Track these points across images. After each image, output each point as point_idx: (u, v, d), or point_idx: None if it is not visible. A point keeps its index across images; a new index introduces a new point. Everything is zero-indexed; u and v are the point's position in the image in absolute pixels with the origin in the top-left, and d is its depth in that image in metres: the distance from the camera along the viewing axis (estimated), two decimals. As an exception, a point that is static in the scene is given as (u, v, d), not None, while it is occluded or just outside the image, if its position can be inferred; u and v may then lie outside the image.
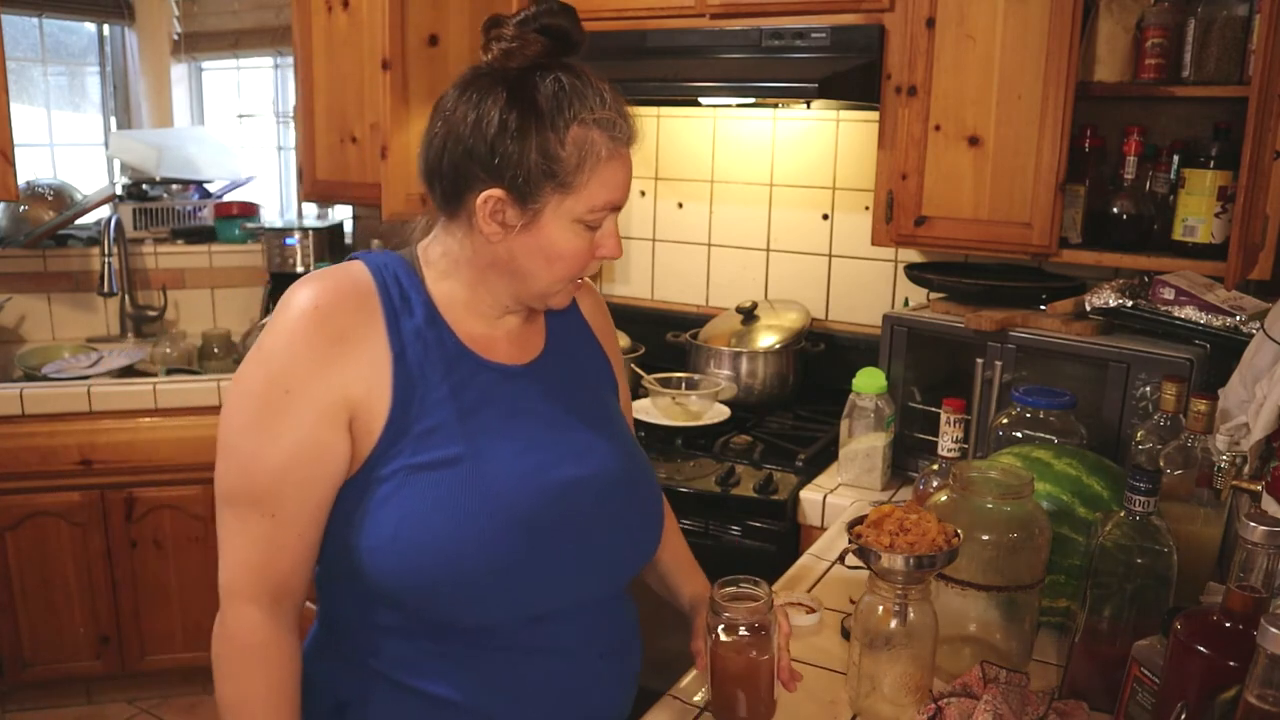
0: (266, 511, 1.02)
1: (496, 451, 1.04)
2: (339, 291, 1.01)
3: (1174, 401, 1.45)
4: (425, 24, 2.39)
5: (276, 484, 1.00)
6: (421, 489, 1.00)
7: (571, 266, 1.04)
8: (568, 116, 0.99)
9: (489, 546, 1.00)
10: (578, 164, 0.99)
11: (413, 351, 1.03)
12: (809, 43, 2.08)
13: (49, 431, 2.54)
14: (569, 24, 1.03)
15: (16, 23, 3.25)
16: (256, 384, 1.00)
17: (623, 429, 1.20)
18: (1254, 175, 1.69)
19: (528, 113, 0.98)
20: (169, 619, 2.73)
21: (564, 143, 0.99)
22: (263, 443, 1.00)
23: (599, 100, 1.01)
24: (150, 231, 3.19)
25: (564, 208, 1.01)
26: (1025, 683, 1.12)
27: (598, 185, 1.01)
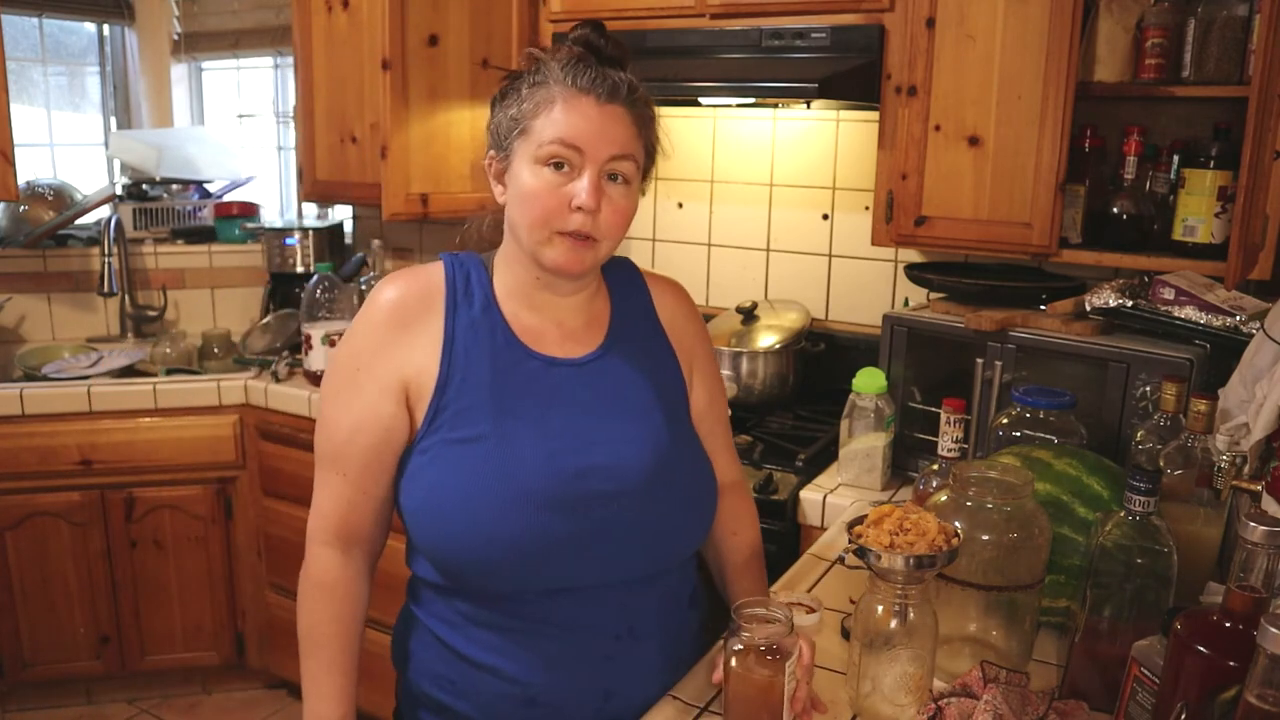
0: (339, 470, 1.18)
1: (522, 434, 1.13)
2: (412, 286, 1.18)
3: (1174, 401, 1.45)
4: (425, 24, 2.39)
5: (346, 447, 1.17)
6: (450, 461, 1.13)
7: (543, 208, 1.11)
8: (532, 83, 1.13)
9: (504, 520, 1.10)
10: (532, 110, 1.11)
11: (463, 339, 1.16)
12: (809, 43, 2.08)
13: (49, 431, 2.54)
14: (595, 35, 1.14)
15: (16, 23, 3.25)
16: (338, 362, 1.19)
17: (674, 425, 1.23)
18: (1254, 175, 1.69)
19: (510, 84, 1.15)
20: (169, 619, 2.73)
21: (524, 98, 1.13)
22: (338, 411, 1.17)
23: (566, 63, 1.12)
24: (150, 231, 3.19)
25: (525, 150, 1.12)
26: (1025, 683, 1.12)
27: (546, 123, 1.10)
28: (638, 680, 1.21)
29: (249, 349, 2.94)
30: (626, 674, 1.20)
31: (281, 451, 2.61)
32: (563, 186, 1.11)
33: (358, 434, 1.16)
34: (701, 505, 1.24)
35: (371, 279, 2.91)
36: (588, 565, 1.14)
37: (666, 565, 1.23)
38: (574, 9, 2.38)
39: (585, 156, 1.10)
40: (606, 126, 1.11)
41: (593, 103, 1.11)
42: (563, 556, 1.12)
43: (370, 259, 3.06)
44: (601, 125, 1.11)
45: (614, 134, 1.12)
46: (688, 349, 1.31)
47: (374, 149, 2.49)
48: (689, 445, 1.26)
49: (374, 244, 3.06)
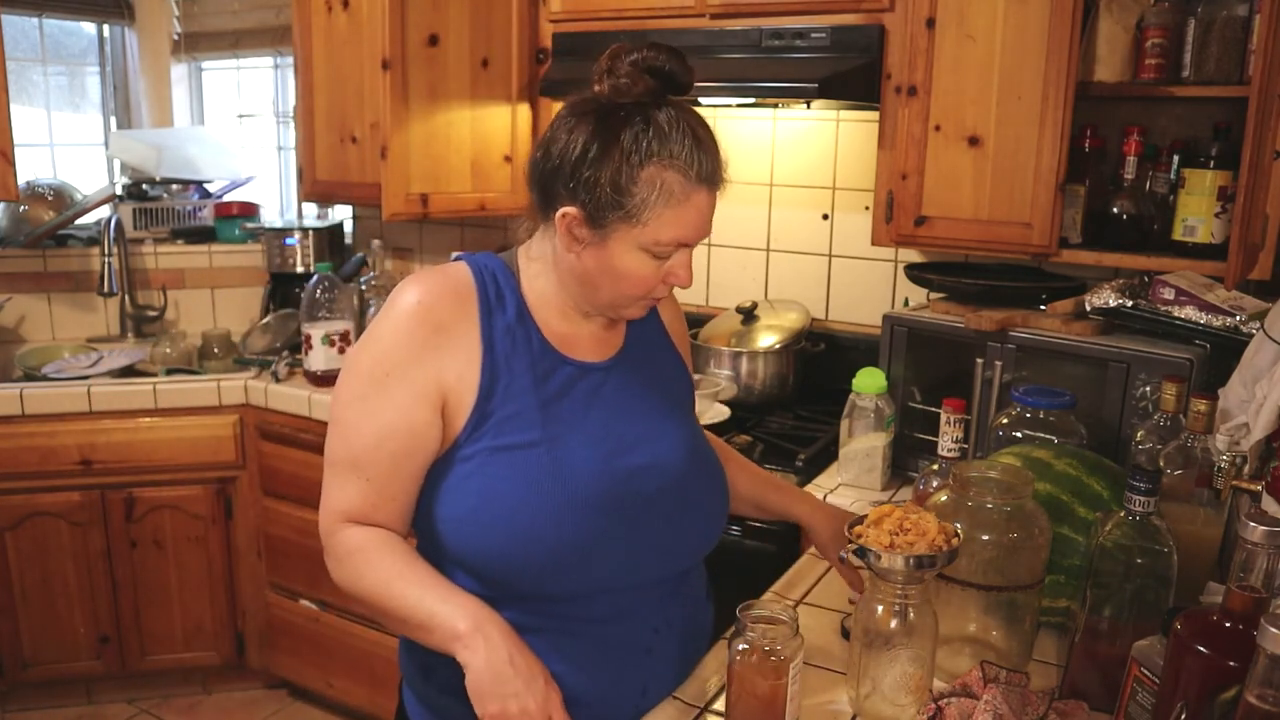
0: (363, 475, 1.13)
1: (571, 439, 1.14)
2: (442, 289, 1.14)
3: (1174, 401, 1.45)
4: (425, 24, 2.39)
5: (372, 453, 1.12)
6: (501, 468, 1.11)
7: (637, 288, 1.13)
8: (644, 154, 1.06)
9: (560, 524, 1.10)
10: (646, 200, 1.07)
11: (501, 345, 1.14)
12: (809, 43, 2.08)
13: (49, 431, 2.54)
14: (677, 67, 1.12)
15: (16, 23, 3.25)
16: (362, 366, 1.13)
17: (692, 426, 1.28)
18: (1254, 175, 1.69)
19: (608, 145, 1.08)
20: (169, 619, 2.73)
21: (636, 179, 1.06)
22: (363, 416, 1.12)
23: (682, 142, 1.07)
24: (150, 231, 3.19)
25: (630, 236, 1.09)
26: (1025, 683, 1.12)
27: (665, 223, 1.08)
28: (670, 673, 1.23)
29: (249, 349, 2.94)
30: (661, 668, 1.22)
31: (282, 451, 2.61)
32: (658, 266, 1.12)
33: (386, 440, 1.11)
34: (724, 494, 1.29)
35: (371, 279, 2.91)
36: (633, 563, 1.17)
37: (699, 557, 1.28)
38: (574, 9, 2.38)
39: (690, 246, 1.13)
40: (708, 214, 1.13)
41: (705, 196, 1.11)
42: (614, 557, 1.14)
43: (370, 259, 3.06)
44: (707, 216, 1.13)
45: (709, 220, 1.13)
46: (684, 347, 1.36)
47: (374, 149, 2.49)
48: (703, 438, 1.30)
49: (374, 244, 3.06)
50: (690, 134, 1.08)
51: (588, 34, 2.36)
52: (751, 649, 1.07)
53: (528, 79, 2.50)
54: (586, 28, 2.37)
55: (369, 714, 2.66)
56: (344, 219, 3.29)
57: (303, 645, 2.72)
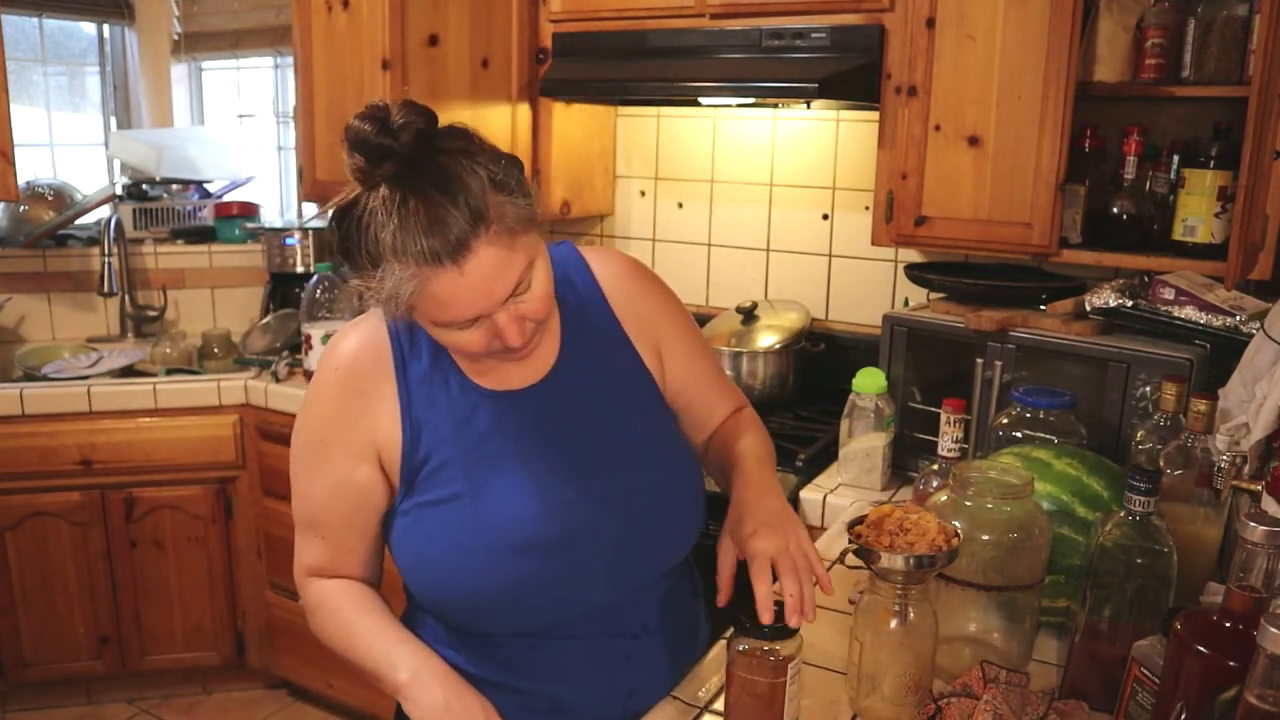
0: (319, 534, 1.18)
1: (496, 484, 1.10)
2: (358, 349, 1.14)
3: (1174, 401, 1.45)
4: (425, 24, 2.39)
5: (323, 514, 1.17)
6: (428, 525, 1.12)
7: (472, 354, 1.07)
8: (373, 260, 0.96)
9: (492, 574, 1.09)
10: (397, 299, 0.97)
11: (418, 396, 1.12)
12: (809, 43, 2.08)
13: (49, 431, 2.54)
14: (375, 135, 0.94)
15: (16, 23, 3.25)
16: (301, 434, 1.17)
17: (645, 431, 1.19)
18: (1254, 175, 1.69)
19: (345, 250, 1.00)
20: (169, 619, 2.73)
21: (381, 281, 0.97)
22: (308, 480, 1.17)
23: (393, 236, 0.93)
24: (150, 231, 3.19)
25: (420, 316, 1.02)
26: (1025, 683, 1.12)
27: (430, 310, 0.99)
28: (656, 674, 1.22)
29: (249, 349, 2.94)
30: (646, 669, 1.21)
31: (282, 451, 2.61)
32: (479, 332, 1.02)
33: (333, 501, 1.15)
34: (687, 508, 1.22)
35: (371, 279, 2.91)
36: (584, 594, 1.14)
37: (669, 564, 1.23)
38: (574, 9, 2.38)
39: (485, 315, 1.00)
40: (482, 281, 0.96)
41: (452, 271, 0.94)
42: (558, 593, 1.12)
43: None
44: (478, 285, 0.96)
45: (491, 281, 0.97)
46: (651, 330, 1.22)
47: (374, 149, 2.48)
48: (663, 445, 1.21)
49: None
50: (399, 217, 0.93)
51: (588, 34, 2.36)
52: (751, 648, 1.07)
53: (528, 79, 2.50)
54: (586, 28, 2.37)
55: (369, 714, 2.66)
56: (344, 219, 3.28)
57: (303, 645, 2.72)
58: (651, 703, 1.20)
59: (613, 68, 2.30)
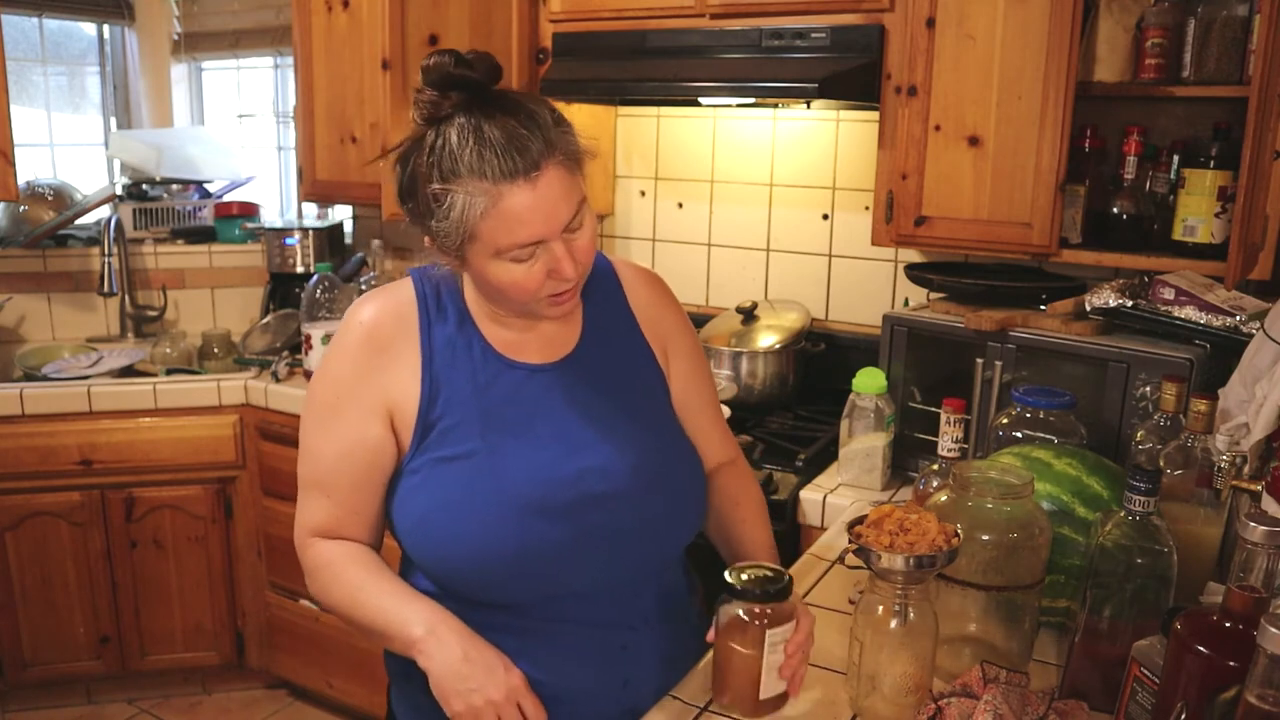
0: (326, 493, 1.18)
1: (512, 446, 1.13)
2: (383, 308, 1.17)
3: (1174, 401, 1.45)
4: (425, 24, 2.39)
5: (332, 473, 1.17)
6: (443, 480, 1.13)
7: (524, 293, 1.08)
8: (442, 180, 1.03)
9: (504, 532, 1.10)
10: (464, 220, 1.03)
11: (441, 357, 1.15)
12: (809, 43, 2.08)
13: (49, 431, 2.54)
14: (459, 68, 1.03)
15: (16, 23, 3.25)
16: (317, 393, 1.18)
17: (657, 420, 1.24)
18: (1254, 175, 1.69)
19: (413, 182, 1.07)
20: (169, 619, 2.73)
21: (446, 205, 1.03)
22: (320, 439, 1.17)
23: (470, 153, 1.01)
24: (150, 231, 3.19)
25: (479, 251, 1.06)
26: (1025, 683, 1.12)
27: (497, 232, 1.03)
28: (652, 666, 1.23)
29: (249, 349, 2.94)
30: (642, 660, 1.22)
31: (281, 451, 2.61)
32: (534, 266, 1.06)
33: (343, 460, 1.16)
34: (692, 495, 1.25)
35: (371, 279, 2.91)
36: (588, 568, 1.15)
37: (666, 559, 1.25)
38: (574, 9, 2.38)
39: (546, 240, 1.05)
40: (550, 202, 1.03)
41: (525, 188, 1.02)
42: (563, 562, 1.13)
43: (370, 259, 3.06)
44: (546, 205, 1.03)
45: (558, 203, 1.04)
46: (662, 337, 1.29)
47: (374, 149, 2.49)
48: (673, 437, 1.26)
49: (374, 244, 3.06)
50: (475, 138, 1.01)
51: (588, 34, 2.36)
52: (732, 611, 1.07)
53: (528, 79, 2.50)
54: (586, 28, 2.37)
55: (369, 714, 2.66)
56: (344, 219, 3.29)
57: (303, 645, 2.72)
58: (647, 695, 1.20)
59: (613, 68, 2.30)
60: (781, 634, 1.08)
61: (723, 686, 1.12)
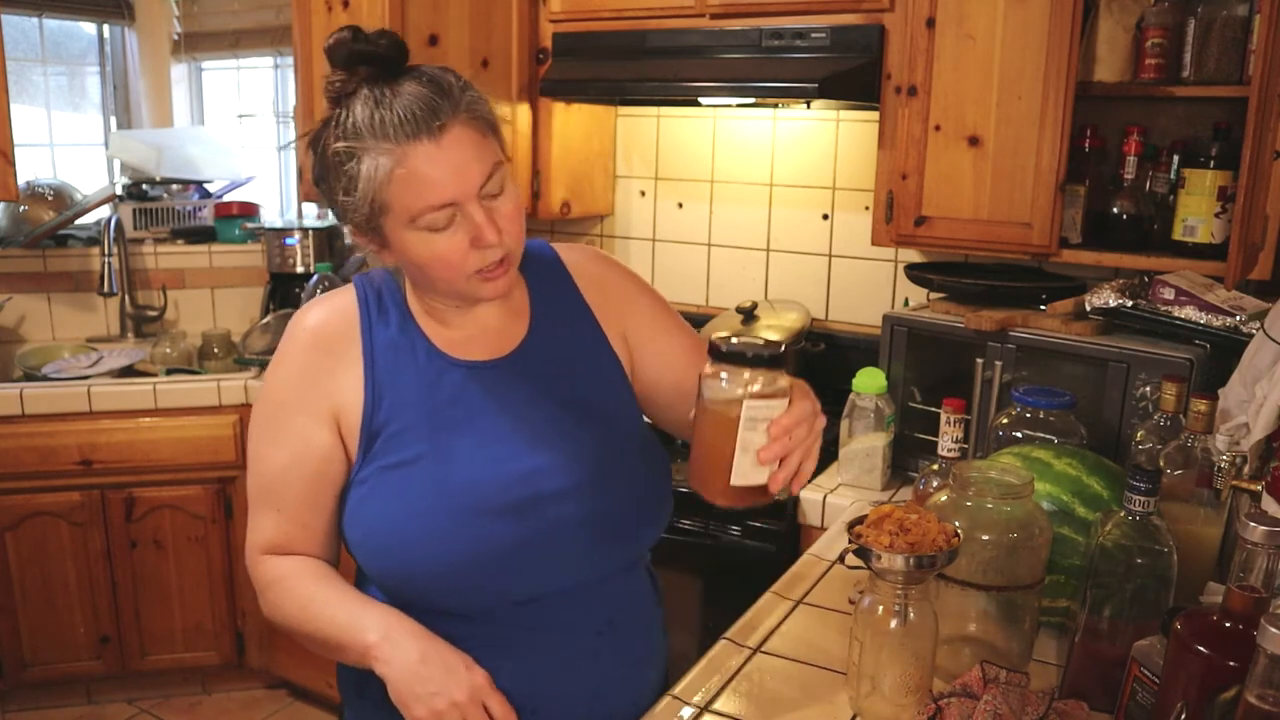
0: (274, 506, 1.13)
1: (460, 448, 1.09)
2: (327, 314, 1.14)
3: (1174, 401, 1.45)
4: (425, 24, 2.39)
5: (279, 483, 1.12)
6: (392, 487, 1.09)
7: (450, 268, 1.04)
8: (347, 152, 1.01)
9: (454, 537, 1.06)
10: (372, 188, 1.01)
11: (383, 359, 1.11)
12: (809, 43, 2.08)
13: (49, 431, 2.54)
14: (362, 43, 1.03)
15: (16, 23, 3.25)
16: (262, 401, 1.15)
17: (609, 413, 1.18)
18: (1254, 175, 1.69)
19: (322, 168, 1.06)
20: (169, 619, 2.73)
21: (354, 177, 1.01)
22: (267, 447, 1.13)
23: (371, 116, 1.00)
24: (150, 231, 3.19)
25: (394, 224, 1.03)
26: (1025, 683, 1.12)
27: (406, 195, 1.01)
28: (622, 677, 1.19)
29: (249, 349, 2.94)
30: (612, 671, 1.18)
31: (281, 451, 2.61)
32: (455, 236, 1.03)
33: (291, 468, 1.11)
34: (651, 492, 1.20)
35: (371, 279, 2.91)
36: (546, 570, 1.11)
37: (628, 559, 1.21)
38: (574, 9, 2.38)
39: (459, 203, 1.02)
40: (457, 159, 1.01)
41: (429, 145, 0.99)
42: (520, 565, 1.09)
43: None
44: (454, 162, 1.00)
45: (469, 162, 1.01)
46: (619, 314, 1.23)
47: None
48: (628, 430, 1.20)
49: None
50: (378, 104, 1.00)
51: (588, 34, 2.36)
52: (712, 379, 0.96)
53: (528, 79, 2.50)
54: (586, 28, 2.37)
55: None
56: (344, 219, 3.28)
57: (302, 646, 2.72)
58: (620, 705, 1.17)
59: (613, 68, 2.30)
60: (764, 409, 0.94)
61: (694, 465, 1.01)
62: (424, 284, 1.11)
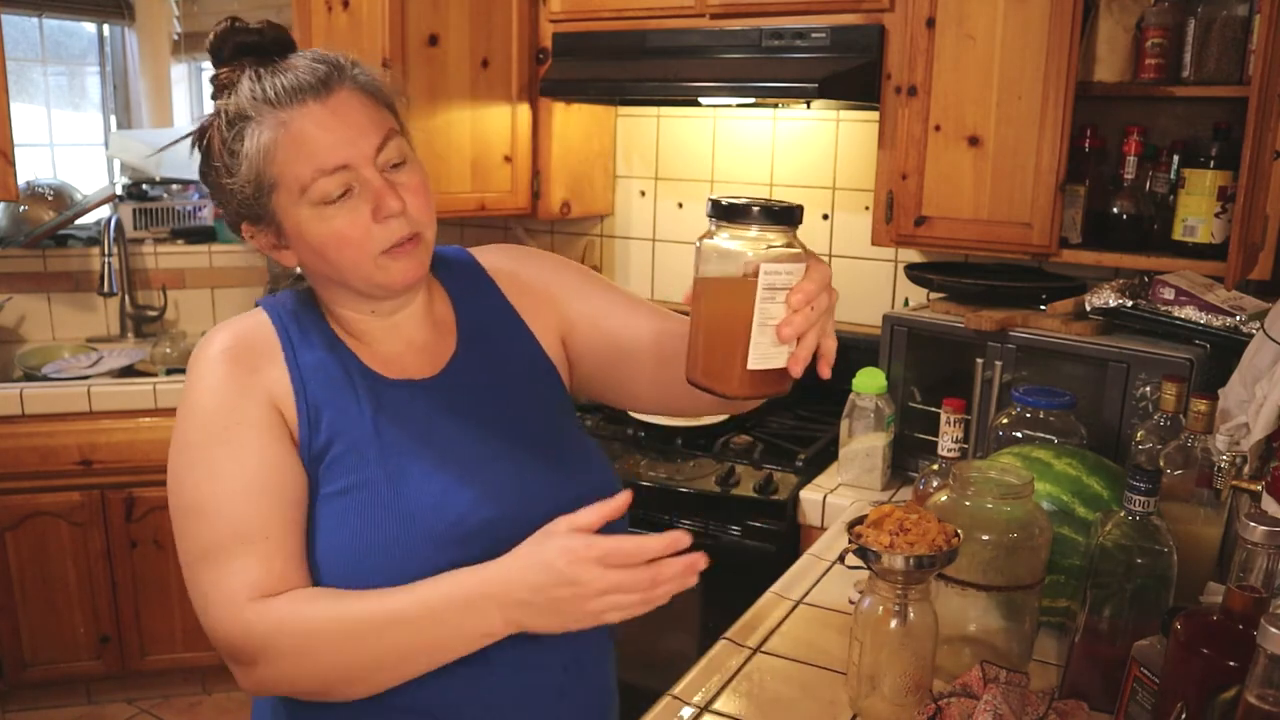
0: (251, 546, 0.93)
1: (411, 472, 0.98)
2: (239, 335, 1.02)
3: (1174, 401, 1.45)
4: (425, 24, 2.38)
5: (253, 518, 0.94)
6: (344, 517, 0.97)
7: (353, 249, 0.97)
8: (233, 131, 0.96)
9: (407, 566, 0.94)
10: (261, 156, 0.95)
11: (315, 381, 1.01)
12: (809, 43, 2.08)
13: (49, 431, 2.54)
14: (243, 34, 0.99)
15: (16, 23, 3.25)
16: (196, 435, 0.97)
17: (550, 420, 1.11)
18: (1254, 175, 1.69)
19: (205, 162, 1.00)
20: (169, 619, 2.73)
21: (243, 154, 0.96)
22: (216, 483, 0.95)
23: (253, 89, 0.95)
24: (150, 231, 3.19)
25: (285, 203, 0.97)
26: (1025, 683, 1.12)
27: (294, 162, 0.94)
28: (593, 708, 1.12)
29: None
30: (578, 710, 1.10)
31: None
32: (354, 210, 0.96)
33: (262, 495, 0.94)
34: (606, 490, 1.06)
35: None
36: None
37: None
38: (574, 9, 2.38)
39: (354, 166, 0.95)
40: (346, 121, 0.95)
41: (315, 107, 0.94)
42: None
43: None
44: (342, 122, 0.95)
45: (360, 125, 0.96)
46: (547, 309, 1.15)
47: (374, 149, 2.48)
48: (570, 434, 1.13)
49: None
50: (259, 77, 0.95)
51: (588, 34, 2.36)
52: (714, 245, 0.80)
53: (528, 79, 2.50)
54: (586, 28, 2.37)
55: None
56: (344, 219, 3.29)
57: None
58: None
59: (613, 68, 2.30)
60: (783, 275, 0.78)
61: (697, 353, 0.84)
62: (331, 277, 1.01)
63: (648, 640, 2.01)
